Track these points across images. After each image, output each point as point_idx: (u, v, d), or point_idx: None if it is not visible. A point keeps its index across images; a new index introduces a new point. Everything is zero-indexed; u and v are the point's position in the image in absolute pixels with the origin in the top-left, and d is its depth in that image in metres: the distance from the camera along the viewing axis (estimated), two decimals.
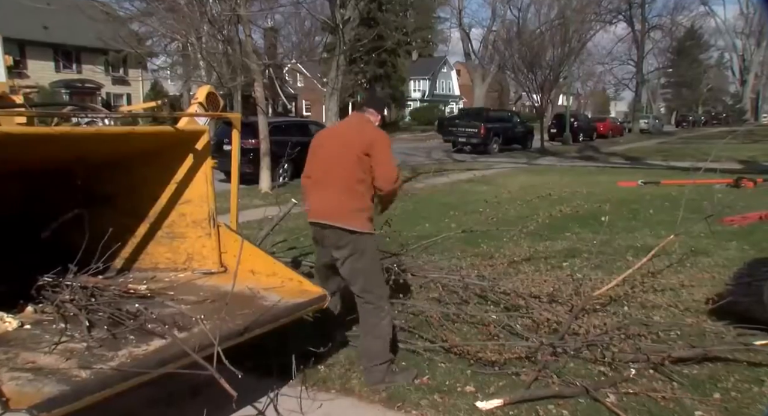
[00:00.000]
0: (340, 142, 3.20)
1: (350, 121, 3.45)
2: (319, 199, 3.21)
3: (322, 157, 3.25)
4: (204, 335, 2.55)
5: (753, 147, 20.16)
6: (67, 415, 1.98)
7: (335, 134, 3.38)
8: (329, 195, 3.14)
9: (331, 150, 3.21)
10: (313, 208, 3.23)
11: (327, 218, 3.14)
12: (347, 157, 3.10)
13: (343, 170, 3.11)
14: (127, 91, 34.87)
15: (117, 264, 3.72)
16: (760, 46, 50.46)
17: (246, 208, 8.73)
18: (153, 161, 3.66)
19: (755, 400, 2.86)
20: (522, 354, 3.36)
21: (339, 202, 3.11)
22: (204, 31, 14.68)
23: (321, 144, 3.32)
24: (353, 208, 3.11)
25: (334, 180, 3.13)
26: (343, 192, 3.11)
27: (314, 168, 3.30)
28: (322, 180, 3.20)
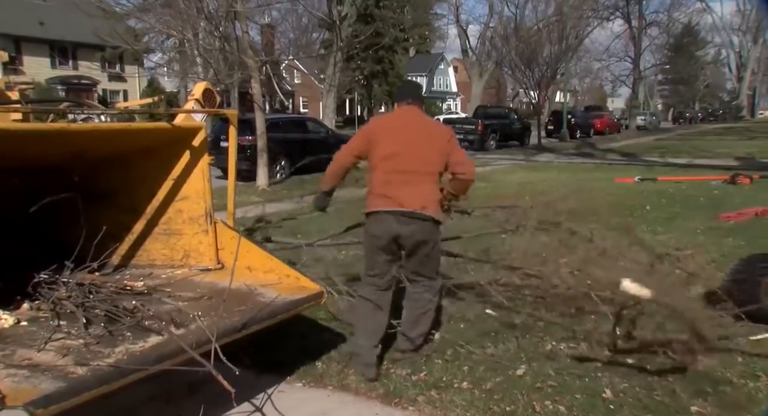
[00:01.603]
0: (424, 133, 3.24)
1: (418, 114, 3.38)
2: (408, 190, 3.11)
3: (405, 147, 3.16)
4: (201, 332, 2.55)
5: (750, 143, 20.20)
6: (64, 412, 1.97)
7: (412, 125, 3.28)
8: (420, 186, 3.13)
9: (415, 141, 3.18)
10: (400, 199, 3.09)
11: (421, 208, 3.09)
12: (433, 149, 3.17)
13: (430, 162, 3.16)
14: (124, 88, 34.78)
15: (114, 261, 3.72)
16: (756, 42, 50.48)
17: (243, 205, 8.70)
18: (150, 158, 3.65)
19: (751, 395, 2.87)
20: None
21: (429, 192, 3.15)
22: (201, 27, 14.66)
23: (395, 132, 3.24)
24: (437, 199, 3.19)
25: (423, 171, 3.15)
26: (430, 183, 3.17)
27: (395, 157, 3.16)
28: (408, 170, 3.13)
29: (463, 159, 3.24)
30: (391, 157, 3.15)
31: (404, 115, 3.36)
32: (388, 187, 3.12)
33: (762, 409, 2.76)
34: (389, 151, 3.16)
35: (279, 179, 12.79)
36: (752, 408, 2.76)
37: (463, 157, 3.24)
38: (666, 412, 2.77)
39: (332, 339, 3.64)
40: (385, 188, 3.13)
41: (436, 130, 3.30)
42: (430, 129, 3.31)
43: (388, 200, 3.10)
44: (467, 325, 3.91)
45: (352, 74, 37.08)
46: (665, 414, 2.77)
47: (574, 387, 3.05)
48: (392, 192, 3.10)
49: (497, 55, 29.59)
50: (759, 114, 54.92)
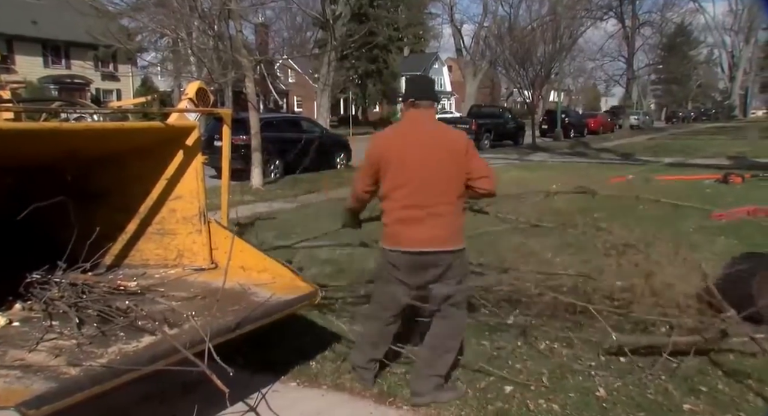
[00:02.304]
0: (439, 151, 2.76)
1: (430, 123, 2.90)
2: (426, 227, 2.73)
3: (418, 173, 2.73)
4: (195, 331, 2.54)
5: (742, 143, 20.30)
6: (57, 413, 1.97)
7: (424, 142, 2.79)
8: (440, 219, 2.74)
9: (429, 164, 2.74)
10: (420, 237, 2.73)
11: (442, 245, 2.75)
12: (450, 170, 2.76)
13: (449, 190, 2.77)
14: (117, 87, 34.60)
15: (107, 261, 3.71)
16: (748, 42, 50.74)
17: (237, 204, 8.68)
18: (143, 157, 3.64)
19: (743, 393, 2.89)
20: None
21: (451, 223, 2.77)
22: (194, 26, 14.60)
23: (406, 154, 2.77)
24: (460, 226, 2.82)
25: (442, 202, 2.75)
26: (451, 214, 2.77)
27: (407, 186, 2.76)
28: (424, 204, 2.73)
29: (483, 171, 2.82)
30: (404, 186, 2.76)
31: (415, 127, 2.85)
32: (403, 225, 2.77)
33: (752, 406, 2.78)
34: (400, 180, 2.77)
35: (273, 179, 12.76)
36: (744, 406, 2.78)
37: (482, 170, 2.82)
38: (659, 410, 2.79)
39: (327, 339, 3.63)
40: (400, 225, 2.78)
41: (452, 144, 2.80)
42: (446, 142, 2.81)
43: (405, 239, 2.76)
44: None
45: (347, 73, 37.07)
46: (658, 412, 2.78)
47: (568, 385, 3.06)
48: (409, 231, 2.75)
49: (491, 54, 29.65)
50: (751, 113, 55.20)
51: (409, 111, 2.91)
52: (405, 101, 2.93)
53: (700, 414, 2.74)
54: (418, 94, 2.90)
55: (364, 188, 2.99)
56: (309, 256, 5.83)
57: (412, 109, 2.89)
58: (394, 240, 2.80)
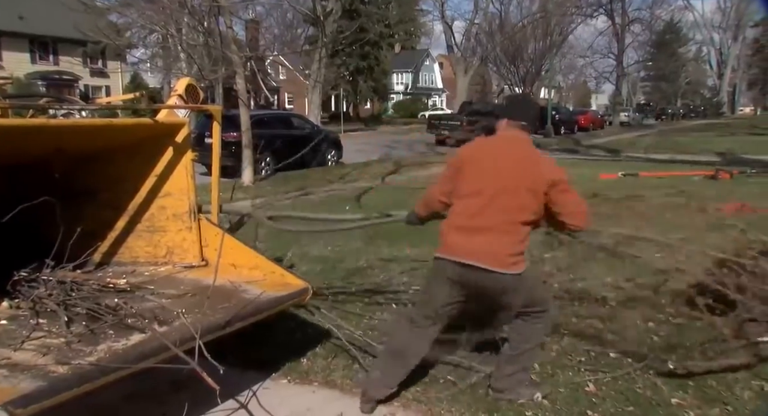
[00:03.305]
0: (522, 177, 2.63)
1: (523, 146, 2.79)
2: (485, 241, 2.60)
3: (491, 188, 2.62)
4: (185, 329, 2.53)
5: (730, 139, 20.48)
6: (45, 411, 1.95)
7: (511, 161, 2.69)
8: (501, 238, 2.60)
9: (507, 184, 2.62)
10: (473, 250, 2.60)
11: (493, 264, 2.59)
12: (525, 197, 2.61)
13: (520, 212, 2.62)
14: (106, 83, 34.34)
15: (96, 259, 3.67)
16: (736, 39, 51.22)
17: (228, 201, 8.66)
18: (132, 154, 3.61)
19: (730, 387, 2.92)
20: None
21: (510, 245, 2.62)
22: (184, 22, 14.51)
23: (487, 164, 2.69)
24: (521, 251, 2.66)
25: (508, 220, 2.61)
26: (515, 235, 2.63)
27: (476, 196, 2.65)
28: (488, 218, 2.61)
29: (575, 207, 2.69)
30: (475, 196, 2.65)
31: (506, 145, 2.77)
32: (460, 234, 2.65)
33: (739, 400, 2.81)
34: (474, 189, 2.66)
35: (264, 176, 12.72)
36: (731, 400, 2.81)
37: (574, 205, 2.69)
38: (648, 405, 2.81)
39: (318, 336, 3.63)
40: (457, 234, 2.66)
41: (541, 175, 2.64)
42: (534, 171, 2.66)
43: (459, 249, 2.63)
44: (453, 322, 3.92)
45: (338, 70, 37.03)
46: (647, 406, 2.80)
47: (558, 380, 3.08)
48: (463, 241, 2.63)
49: (482, 51, 29.71)
50: (739, 110, 55.70)
51: (505, 129, 2.83)
52: (501, 118, 2.88)
53: (688, 408, 2.77)
54: (517, 116, 2.83)
55: (440, 193, 2.86)
56: (300, 253, 5.83)
57: (509, 128, 2.81)
58: (448, 248, 2.67)
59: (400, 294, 4.40)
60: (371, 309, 4.16)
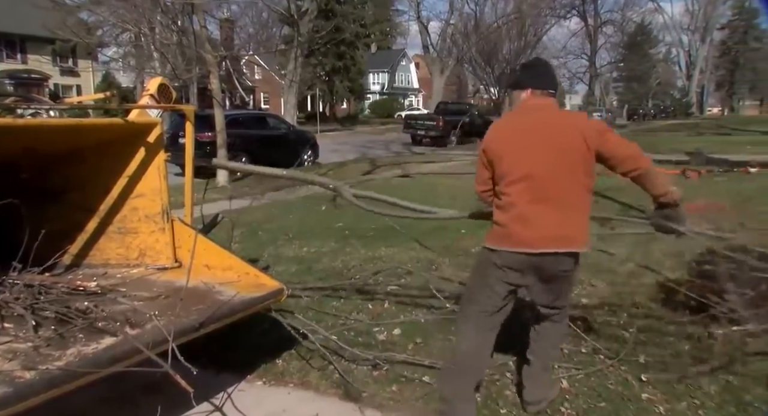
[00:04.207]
0: (555, 139, 2.41)
1: (552, 113, 2.55)
2: (554, 223, 2.39)
3: (538, 167, 2.40)
4: (157, 331, 2.50)
5: (698, 139, 20.92)
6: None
7: (539, 131, 2.45)
8: (569, 214, 2.41)
9: (550, 157, 2.39)
10: (543, 236, 2.38)
11: (569, 245, 2.42)
12: (573, 158, 2.39)
13: (573, 176, 2.40)
14: (77, 83, 33.69)
15: (66, 261, 3.61)
16: (704, 42, 52.40)
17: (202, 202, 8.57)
18: (103, 154, 3.56)
19: (698, 380, 2.99)
20: None
21: (579, 220, 2.45)
22: (157, 20, 14.32)
23: (521, 144, 2.45)
24: (586, 228, 2.48)
25: (568, 191, 2.41)
26: (580, 206, 2.45)
27: (526, 180, 2.41)
28: (549, 195, 2.39)
29: (624, 151, 2.41)
30: (523, 179, 2.41)
31: (538, 115, 2.51)
32: (523, 223, 2.41)
33: (705, 393, 2.88)
34: (519, 171, 2.42)
35: (239, 176, 12.61)
36: (697, 394, 2.88)
37: (622, 149, 2.42)
38: (619, 400, 2.86)
39: (292, 337, 3.61)
40: (520, 224, 2.41)
41: (581, 135, 2.39)
42: (574, 133, 2.41)
43: (526, 239, 2.40)
44: (428, 322, 3.95)
45: (314, 70, 36.88)
46: (618, 402, 2.85)
47: None
48: (528, 230, 2.40)
49: (458, 51, 29.89)
50: (707, 111, 56.99)
51: (527, 99, 2.57)
52: (522, 88, 2.60)
53: (658, 403, 2.82)
54: (539, 83, 2.58)
55: (480, 184, 2.62)
56: (275, 254, 5.81)
57: (534, 98, 2.56)
58: (509, 239, 2.42)
59: (375, 295, 4.40)
60: (347, 310, 4.16)
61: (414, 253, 5.59)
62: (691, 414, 2.73)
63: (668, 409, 2.77)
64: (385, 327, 3.84)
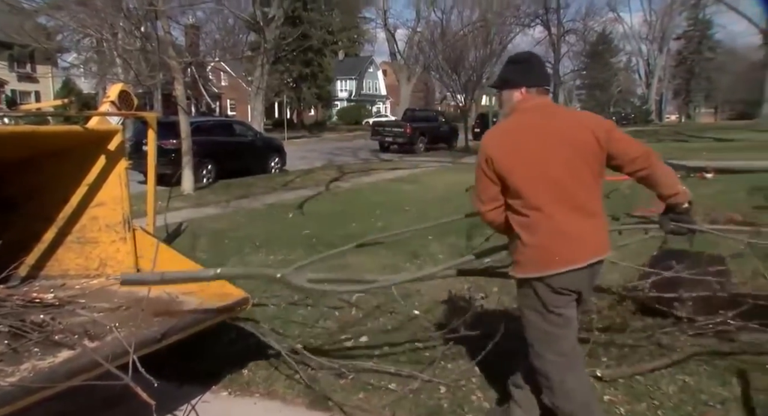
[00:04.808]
0: (568, 143, 2.20)
1: (551, 112, 2.32)
2: (591, 230, 2.22)
3: (558, 173, 2.19)
4: (118, 343, 2.45)
5: (657, 146, 21.56)
6: None
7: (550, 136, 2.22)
8: (597, 219, 2.25)
9: (566, 161, 2.19)
10: (587, 246, 2.20)
11: (605, 250, 2.26)
12: (584, 167, 2.21)
13: (592, 180, 2.24)
14: (36, 89, 32.74)
15: (21, 272, 3.50)
16: (662, 51, 54.13)
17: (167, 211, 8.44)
18: (62, 162, 3.48)
19: (657, 382, 3.07)
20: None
21: (605, 224, 2.31)
22: (119, 26, 14.06)
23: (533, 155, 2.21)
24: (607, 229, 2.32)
25: (590, 197, 2.24)
26: (601, 209, 2.28)
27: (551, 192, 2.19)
28: (578, 203, 2.20)
29: (636, 150, 2.27)
30: (548, 191, 2.19)
31: (538, 118, 2.27)
32: (563, 238, 2.18)
33: (664, 394, 2.96)
34: (543, 184, 2.19)
35: (206, 184, 12.45)
36: (657, 395, 2.95)
37: (633, 147, 2.27)
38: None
39: (258, 346, 3.57)
40: (560, 239, 2.18)
41: (591, 135, 2.21)
42: (583, 134, 2.21)
43: (574, 253, 2.18)
44: (394, 328, 3.96)
45: (281, 77, 36.69)
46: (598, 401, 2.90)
47: (498, 381, 3.14)
48: (572, 242, 2.18)
49: (425, 59, 30.15)
50: (666, 118, 58.72)
51: (526, 100, 2.31)
52: (515, 87, 2.34)
53: (619, 404, 2.88)
54: (532, 80, 2.33)
55: (498, 215, 2.34)
56: (241, 263, 5.74)
57: (530, 98, 2.31)
58: (555, 260, 2.17)
59: (341, 303, 4.38)
60: (313, 318, 4.14)
61: (381, 260, 5.59)
62: (650, 414, 2.80)
63: (629, 410, 2.83)
64: (352, 334, 3.84)
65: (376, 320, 4.08)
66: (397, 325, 3.96)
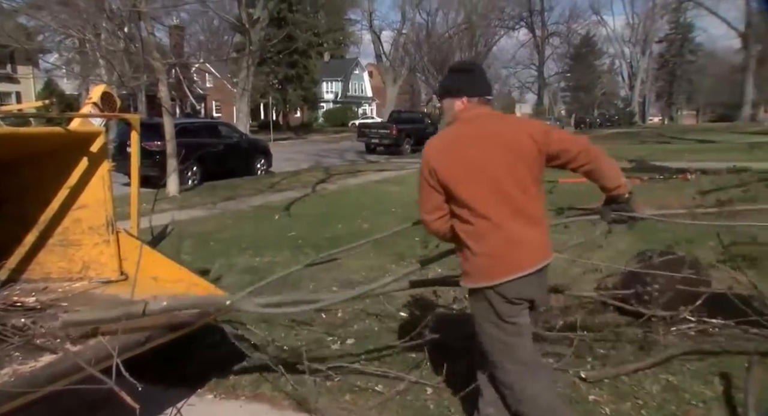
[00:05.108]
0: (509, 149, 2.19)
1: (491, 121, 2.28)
2: (531, 234, 2.19)
3: (499, 176, 2.17)
4: (101, 347, 2.42)
5: (641, 147, 21.79)
6: None
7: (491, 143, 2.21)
8: (538, 224, 2.23)
9: (507, 163, 2.17)
10: (534, 249, 2.20)
11: (546, 256, 2.24)
12: (525, 171, 2.20)
13: (534, 184, 2.23)
14: (17, 90, 32.28)
15: (2, 276, 3.45)
16: (644, 54, 54.79)
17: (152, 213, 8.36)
18: (43, 164, 3.44)
19: (641, 382, 3.10)
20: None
21: (546, 229, 2.28)
22: (102, 27, 13.94)
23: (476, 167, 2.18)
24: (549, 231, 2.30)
25: (532, 201, 2.22)
26: (543, 216, 2.27)
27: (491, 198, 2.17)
28: (519, 208, 2.18)
29: (576, 145, 2.26)
30: (493, 198, 2.18)
31: (479, 127, 2.25)
32: (508, 244, 2.16)
33: (648, 393, 2.99)
34: (487, 192, 2.18)
35: (191, 186, 12.36)
36: (641, 394, 2.98)
37: (574, 144, 2.26)
38: (567, 403, 2.93)
39: (244, 349, 3.56)
40: (506, 246, 2.16)
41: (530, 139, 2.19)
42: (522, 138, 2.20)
43: (519, 263, 2.16)
44: (380, 330, 3.96)
45: (267, 78, 36.58)
46: (566, 403, 2.92)
47: None
48: (519, 250, 2.16)
49: (410, 60, 30.25)
50: (649, 120, 59.43)
51: (468, 110, 2.30)
52: (455, 97, 2.33)
53: (604, 404, 2.91)
54: (475, 90, 2.31)
55: (443, 224, 2.31)
56: (227, 265, 5.70)
57: (473, 108, 2.30)
58: (505, 267, 2.15)
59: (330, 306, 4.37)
60: (300, 320, 4.12)
61: (368, 261, 5.59)
62: (634, 413, 2.83)
63: (614, 410, 2.86)
64: (338, 337, 3.83)
65: (362, 322, 4.08)
66: (383, 327, 3.95)
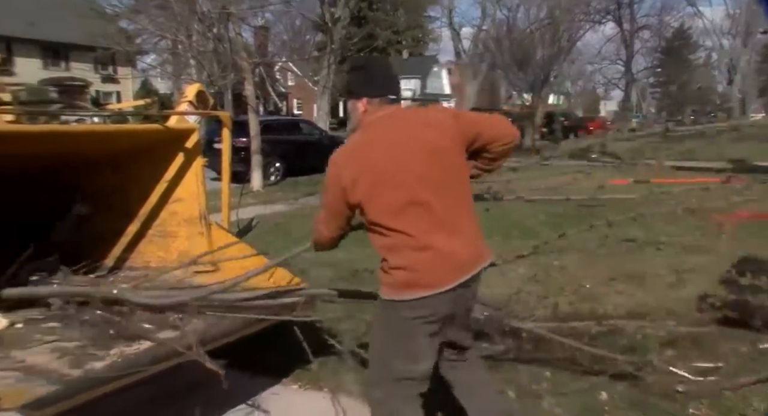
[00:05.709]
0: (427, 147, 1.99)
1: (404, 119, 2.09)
2: (463, 243, 2.01)
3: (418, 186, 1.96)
4: (194, 334, 2.54)
5: (740, 146, 20.30)
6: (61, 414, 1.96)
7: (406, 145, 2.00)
8: (467, 229, 2.05)
9: (427, 167, 1.97)
10: (462, 262, 1.99)
11: (484, 259, 2.08)
12: (454, 160, 2.03)
13: (459, 182, 2.05)
14: (117, 89, 34.64)
15: (108, 263, 3.70)
16: (746, 46, 50.97)
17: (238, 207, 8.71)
18: (143, 159, 3.64)
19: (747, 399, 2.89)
20: None
21: (478, 230, 2.11)
22: (194, 29, 14.64)
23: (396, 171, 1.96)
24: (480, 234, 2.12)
25: (459, 203, 2.04)
26: (473, 216, 2.09)
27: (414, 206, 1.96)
28: (445, 216, 1.98)
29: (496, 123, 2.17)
30: (411, 207, 1.96)
31: (386, 131, 2.03)
32: (434, 259, 1.95)
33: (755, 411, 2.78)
34: (404, 201, 1.96)
35: (274, 181, 12.77)
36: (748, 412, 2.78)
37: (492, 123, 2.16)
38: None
39: (327, 341, 3.62)
40: (422, 260, 1.95)
41: (446, 129, 2.03)
42: (438, 131, 2.02)
43: (444, 275, 1.96)
44: None
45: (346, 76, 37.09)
46: None
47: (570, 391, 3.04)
48: (444, 263, 1.96)
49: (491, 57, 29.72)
50: (750, 117, 55.38)
51: (372, 112, 2.08)
52: (356, 98, 2.12)
53: None
54: (371, 91, 2.09)
55: (337, 233, 2.24)
56: (312, 258, 5.81)
57: (376, 110, 2.07)
58: (418, 283, 1.95)
59: None
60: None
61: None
62: None
63: None
64: None
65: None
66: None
